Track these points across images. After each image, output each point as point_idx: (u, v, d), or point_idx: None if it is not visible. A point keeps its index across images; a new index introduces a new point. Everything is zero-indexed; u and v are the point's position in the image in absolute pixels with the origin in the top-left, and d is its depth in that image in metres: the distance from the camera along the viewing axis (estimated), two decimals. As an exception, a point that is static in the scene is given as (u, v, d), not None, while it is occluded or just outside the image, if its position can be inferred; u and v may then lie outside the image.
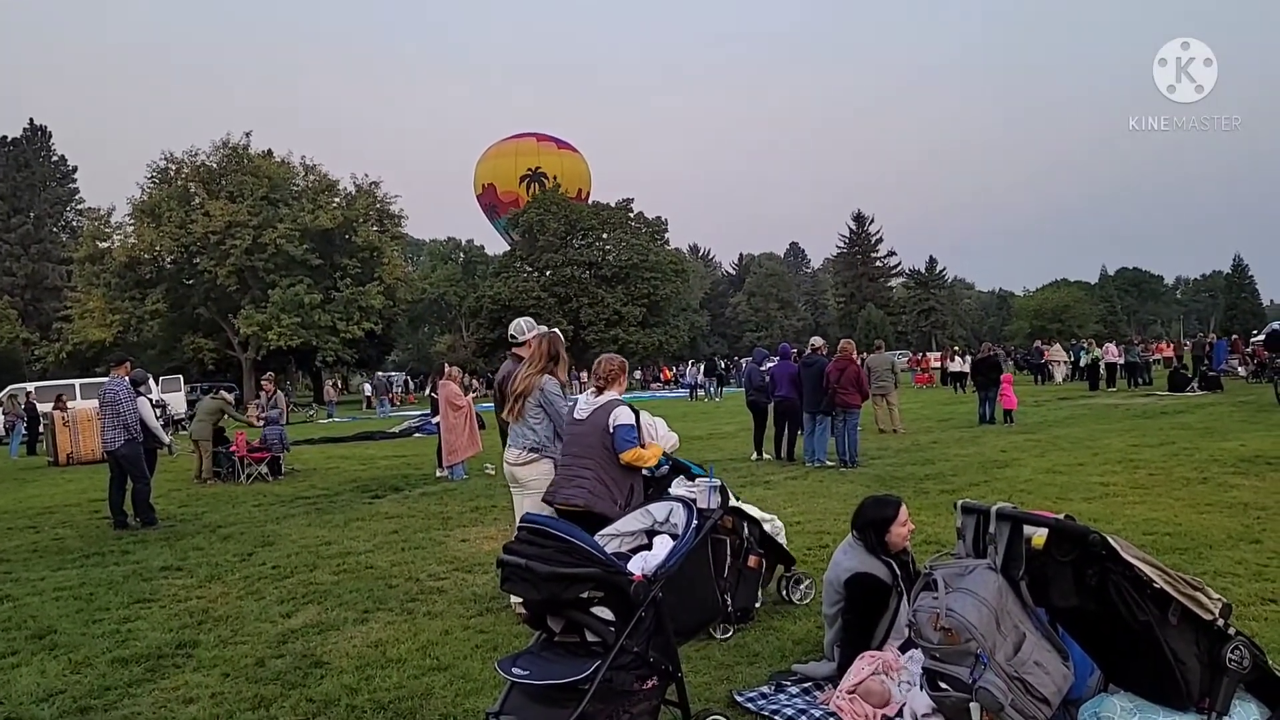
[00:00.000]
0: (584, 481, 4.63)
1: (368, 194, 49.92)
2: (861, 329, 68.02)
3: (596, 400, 4.85)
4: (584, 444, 4.75)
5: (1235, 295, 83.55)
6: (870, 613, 3.80)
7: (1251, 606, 4.69)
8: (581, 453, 4.74)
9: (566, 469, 4.82)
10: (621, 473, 4.67)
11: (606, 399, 4.82)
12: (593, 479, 4.62)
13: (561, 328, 53.44)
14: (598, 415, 4.74)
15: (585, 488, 4.60)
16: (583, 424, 4.79)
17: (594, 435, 4.71)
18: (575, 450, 4.80)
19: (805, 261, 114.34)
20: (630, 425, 4.66)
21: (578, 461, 4.74)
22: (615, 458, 4.65)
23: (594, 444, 4.70)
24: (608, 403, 4.78)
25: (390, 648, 4.75)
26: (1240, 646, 2.43)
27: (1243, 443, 11.71)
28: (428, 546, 7.51)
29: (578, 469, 4.71)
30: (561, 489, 4.76)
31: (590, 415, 4.77)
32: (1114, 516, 7.28)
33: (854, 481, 10.11)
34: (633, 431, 4.66)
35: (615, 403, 4.78)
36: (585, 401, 4.91)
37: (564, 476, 4.81)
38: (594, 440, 4.70)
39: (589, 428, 4.75)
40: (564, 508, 4.61)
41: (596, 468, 4.64)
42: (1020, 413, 17.55)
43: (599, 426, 4.69)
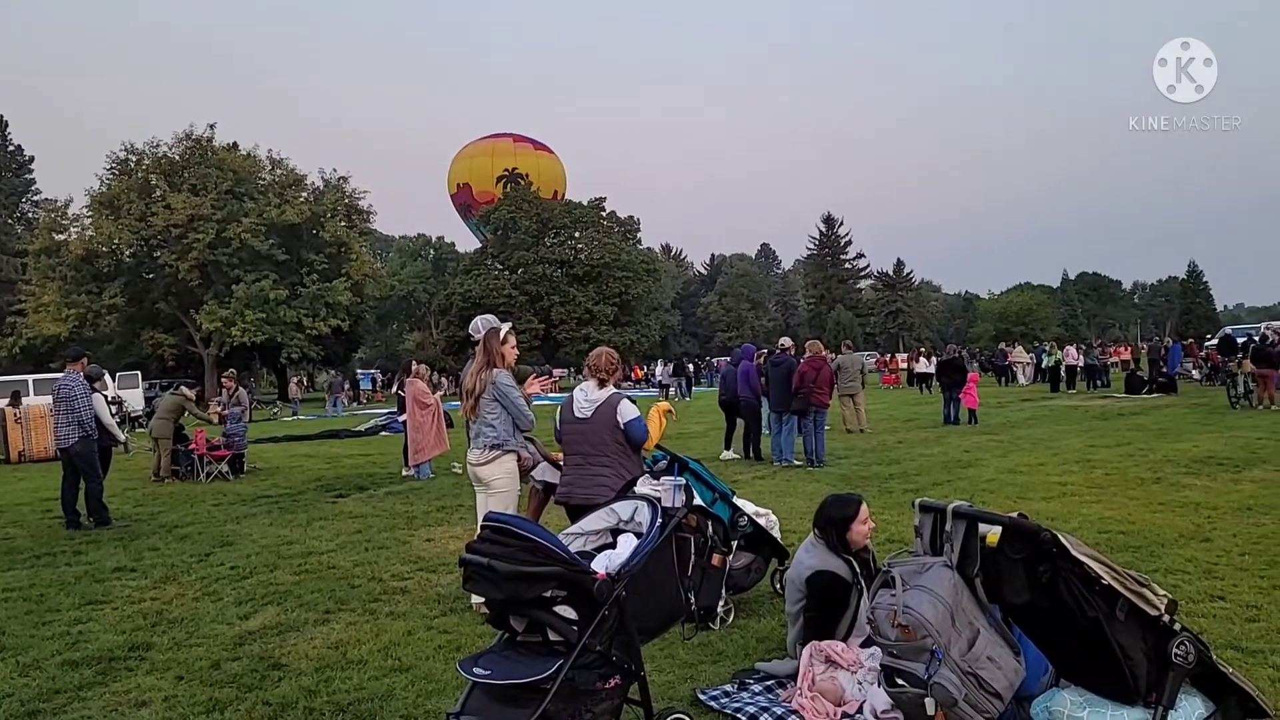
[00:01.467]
0: (604, 478, 4.72)
1: (336, 189, 49.39)
2: (831, 330, 68.58)
3: (597, 395, 4.88)
4: (594, 441, 4.81)
5: (1190, 300, 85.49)
6: (831, 610, 3.86)
7: (1201, 603, 4.81)
8: (594, 450, 4.81)
9: (580, 468, 4.88)
10: (634, 464, 4.83)
11: (607, 394, 4.88)
12: (612, 475, 4.72)
13: (532, 326, 53.62)
14: (604, 411, 4.80)
15: (608, 484, 4.68)
16: (589, 421, 4.84)
17: (605, 431, 4.79)
18: (586, 449, 4.86)
19: (776, 263, 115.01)
20: (638, 416, 4.80)
21: (591, 460, 4.81)
22: (626, 450, 4.77)
23: (606, 440, 4.79)
24: (610, 397, 4.84)
25: (351, 649, 4.70)
26: (1186, 642, 2.49)
27: (1195, 444, 11.97)
28: (392, 546, 7.45)
29: (594, 467, 4.79)
30: (580, 488, 4.81)
31: (596, 412, 4.83)
32: (1071, 515, 7.42)
33: (820, 481, 10.19)
34: (642, 420, 4.80)
35: (617, 397, 4.86)
36: (586, 398, 4.93)
37: (580, 475, 4.86)
38: (606, 436, 4.79)
39: (598, 424, 4.81)
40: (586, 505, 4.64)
41: (614, 464, 4.76)
42: (983, 413, 17.81)
43: (607, 422, 4.77)
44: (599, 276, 55.19)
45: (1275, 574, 5.32)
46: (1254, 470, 9.46)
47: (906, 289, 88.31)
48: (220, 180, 44.02)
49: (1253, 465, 9.81)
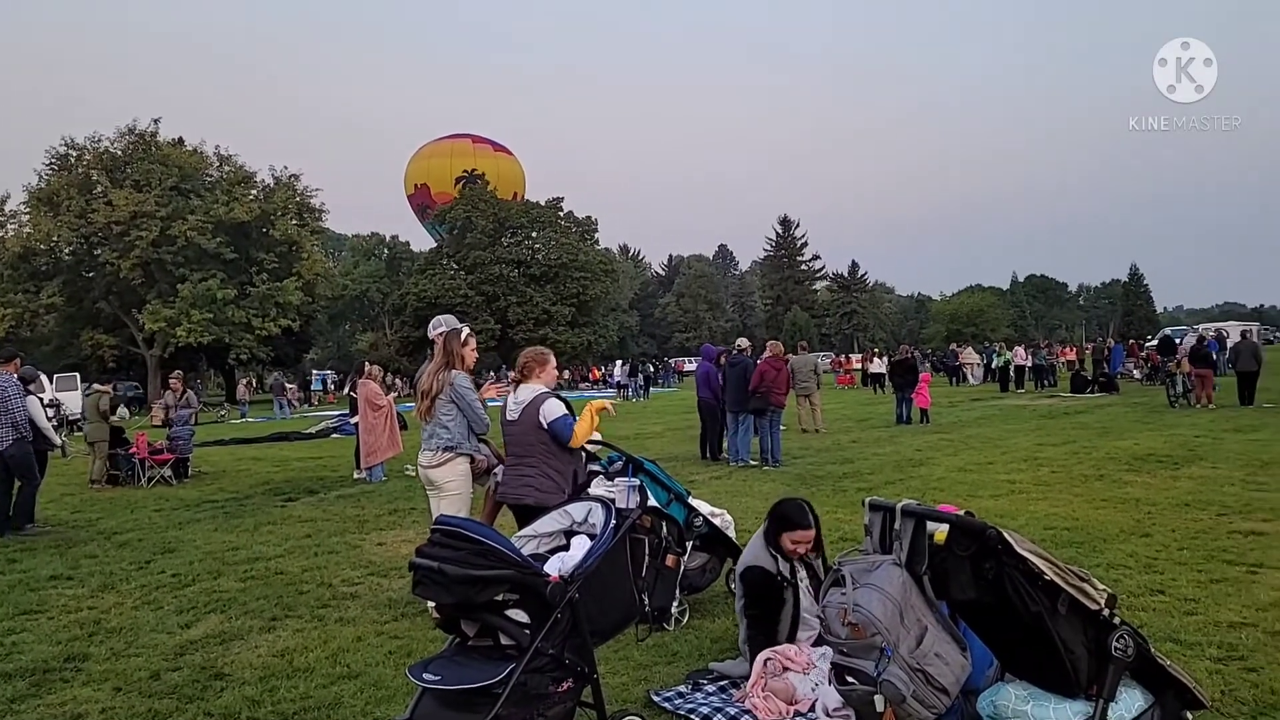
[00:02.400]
0: (529, 479, 4.76)
1: (287, 187, 48.42)
2: (787, 330, 69.19)
3: (521, 396, 4.89)
4: (523, 443, 4.84)
5: (1132, 302, 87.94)
6: (764, 605, 3.89)
7: (1141, 597, 4.93)
8: (522, 452, 4.85)
9: (511, 468, 4.95)
10: (563, 463, 4.81)
11: (532, 394, 4.86)
12: (537, 475, 4.75)
13: (489, 327, 53.36)
14: (528, 413, 4.81)
15: (532, 485, 4.74)
16: (517, 423, 4.86)
17: (530, 433, 4.80)
18: (516, 450, 4.90)
19: (733, 264, 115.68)
20: (563, 415, 4.76)
21: (521, 461, 4.86)
22: (554, 449, 4.77)
23: (531, 441, 4.81)
24: (535, 399, 4.83)
25: (298, 656, 4.60)
26: (1125, 635, 2.54)
27: (1136, 441, 12.30)
28: (342, 551, 7.32)
29: (522, 468, 4.83)
30: (510, 488, 4.90)
31: (521, 414, 4.84)
32: (1019, 513, 7.56)
33: (776, 480, 10.25)
34: (567, 419, 4.76)
35: (542, 397, 4.83)
36: (513, 400, 4.94)
37: (510, 475, 4.95)
38: (531, 438, 4.80)
39: (523, 426, 4.83)
40: (517, 505, 4.79)
41: (539, 463, 4.78)
42: (935, 413, 18.09)
43: (531, 424, 4.78)
44: (556, 277, 55.03)
45: (1212, 568, 5.47)
46: (1192, 467, 9.73)
47: (861, 290, 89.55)
48: (165, 176, 42.90)
49: (1190, 462, 10.10)
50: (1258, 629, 4.31)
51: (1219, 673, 3.76)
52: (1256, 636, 4.20)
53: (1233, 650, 4.04)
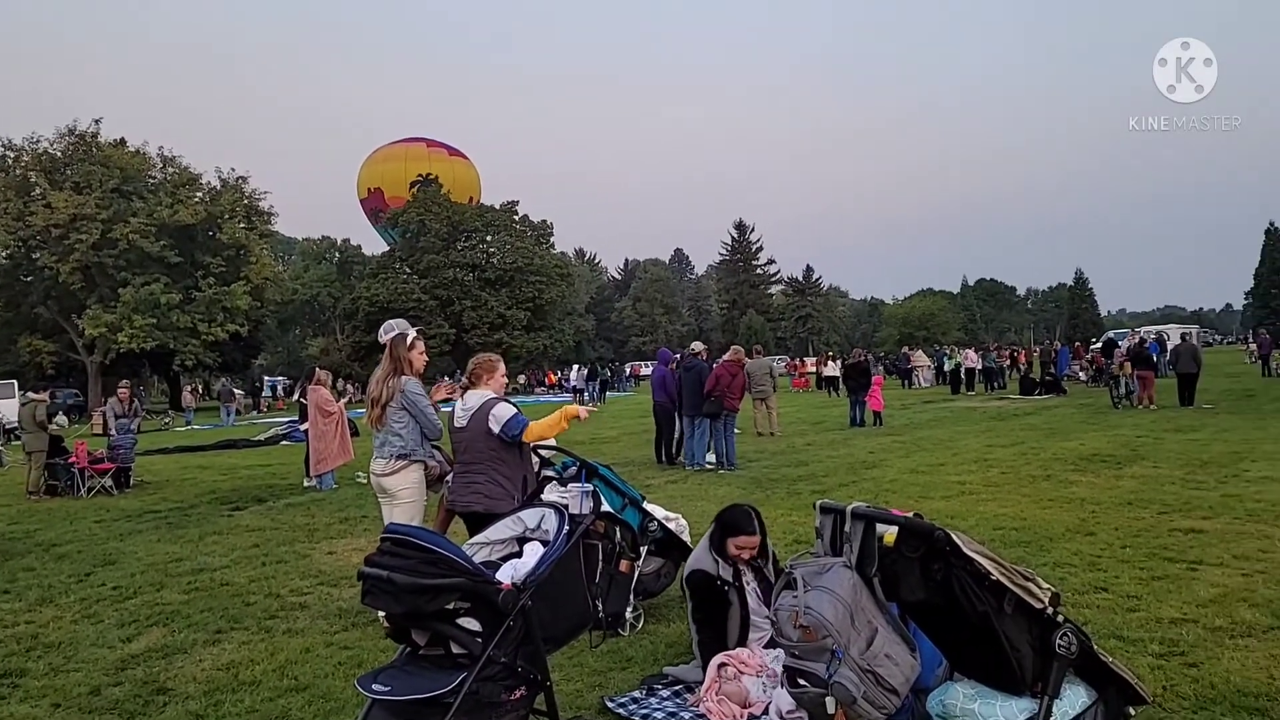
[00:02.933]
0: (478, 486, 4.71)
1: (234, 189, 47.40)
2: (743, 334, 69.75)
3: (469, 402, 4.83)
4: (472, 450, 4.79)
5: (1077, 305, 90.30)
6: (708, 609, 3.91)
7: (1086, 595, 5.04)
8: (471, 458, 4.80)
9: (460, 475, 4.89)
10: (512, 469, 4.76)
11: (480, 400, 4.80)
12: (485, 482, 4.71)
13: (443, 331, 52.83)
14: (476, 419, 4.75)
15: (481, 492, 4.69)
16: (465, 430, 4.81)
17: (479, 440, 4.75)
18: (465, 457, 4.85)
19: (689, 268, 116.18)
20: (513, 414, 4.72)
21: (469, 468, 4.81)
22: (503, 455, 4.72)
23: (480, 448, 4.75)
24: (483, 405, 4.78)
25: (244, 669, 4.50)
26: (1068, 633, 2.59)
27: (1082, 442, 12.60)
28: (291, 560, 7.18)
29: (471, 475, 4.78)
30: (458, 495, 4.84)
31: (470, 421, 4.78)
32: (969, 513, 7.69)
33: (731, 484, 10.30)
34: (517, 419, 4.71)
35: (491, 402, 4.78)
36: (461, 407, 4.88)
37: (459, 483, 4.89)
38: (480, 445, 4.75)
39: (471, 433, 4.77)
40: (465, 512, 4.74)
41: (487, 469, 4.73)
42: (888, 415, 18.34)
43: (480, 430, 4.73)
44: (511, 281, 54.75)
45: (1154, 565, 5.62)
46: (1134, 466, 9.99)
47: (816, 294, 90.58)
48: (106, 178, 41.73)
49: (1133, 462, 10.37)
50: (1198, 625, 4.42)
51: (1160, 668, 3.86)
52: (1197, 632, 4.31)
53: (1174, 646, 4.14)
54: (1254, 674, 3.74)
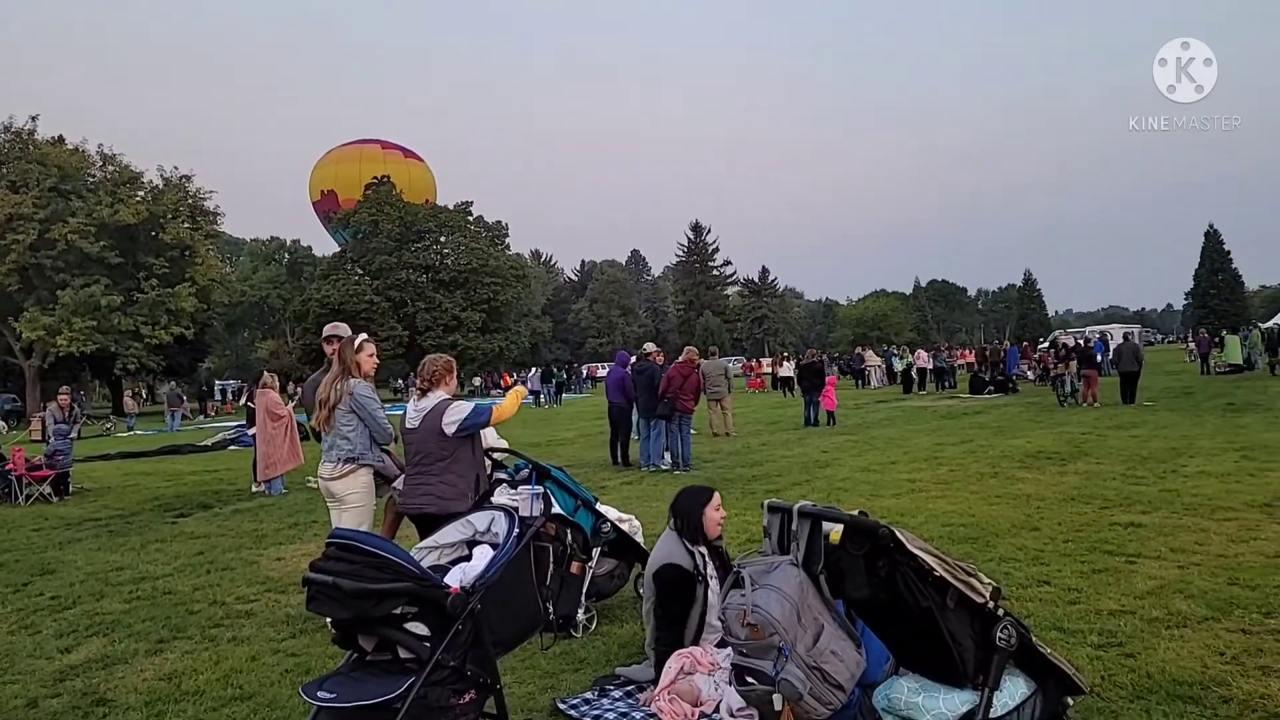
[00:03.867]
0: (430, 487, 4.68)
1: (178, 188, 46.28)
2: (700, 335, 70.11)
3: (424, 404, 4.80)
4: (424, 450, 4.75)
5: (1026, 306, 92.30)
6: (676, 604, 3.90)
7: (1029, 588, 5.15)
8: (422, 460, 4.76)
9: (412, 477, 4.84)
10: (464, 468, 4.74)
11: (434, 401, 4.77)
12: (437, 483, 4.67)
13: (396, 334, 52.19)
14: (430, 420, 4.71)
15: (433, 493, 4.65)
16: (417, 431, 4.77)
17: (431, 440, 4.71)
18: (417, 459, 4.80)
19: (646, 269, 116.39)
20: (471, 409, 4.73)
21: (421, 469, 4.76)
22: (458, 454, 4.71)
23: (432, 449, 4.72)
24: (437, 405, 4.75)
25: (187, 679, 4.40)
26: (1008, 626, 2.65)
27: (1028, 440, 12.88)
28: (237, 567, 7.04)
29: (424, 476, 4.74)
30: (410, 498, 4.79)
31: (423, 421, 4.74)
32: (918, 510, 7.81)
33: (686, 484, 10.31)
34: (478, 409, 4.74)
35: (445, 403, 4.75)
36: (414, 408, 4.83)
37: (410, 485, 4.84)
38: (432, 445, 4.72)
39: (424, 434, 4.73)
40: (418, 514, 4.69)
41: (441, 471, 4.70)
42: (841, 415, 18.55)
43: (433, 431, 4.69)
44: (466, 282, 54.29)
45: (1094, 559, 5.76)
46: (1078, 463, 10.23)
47: (771, 295, 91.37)
48: (43, 176, 40.52)
49: (1077, 458, 10.61)
50: (1135, 616, 4.54)
51: (1099, 659, 3.96)
52: (1134, 623, 4.43)
53: (1112, 637, 4.25)
54: (1189, 663, 3.85)
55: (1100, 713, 3.39)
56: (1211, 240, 72.75)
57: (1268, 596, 4.70)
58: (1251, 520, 6.61)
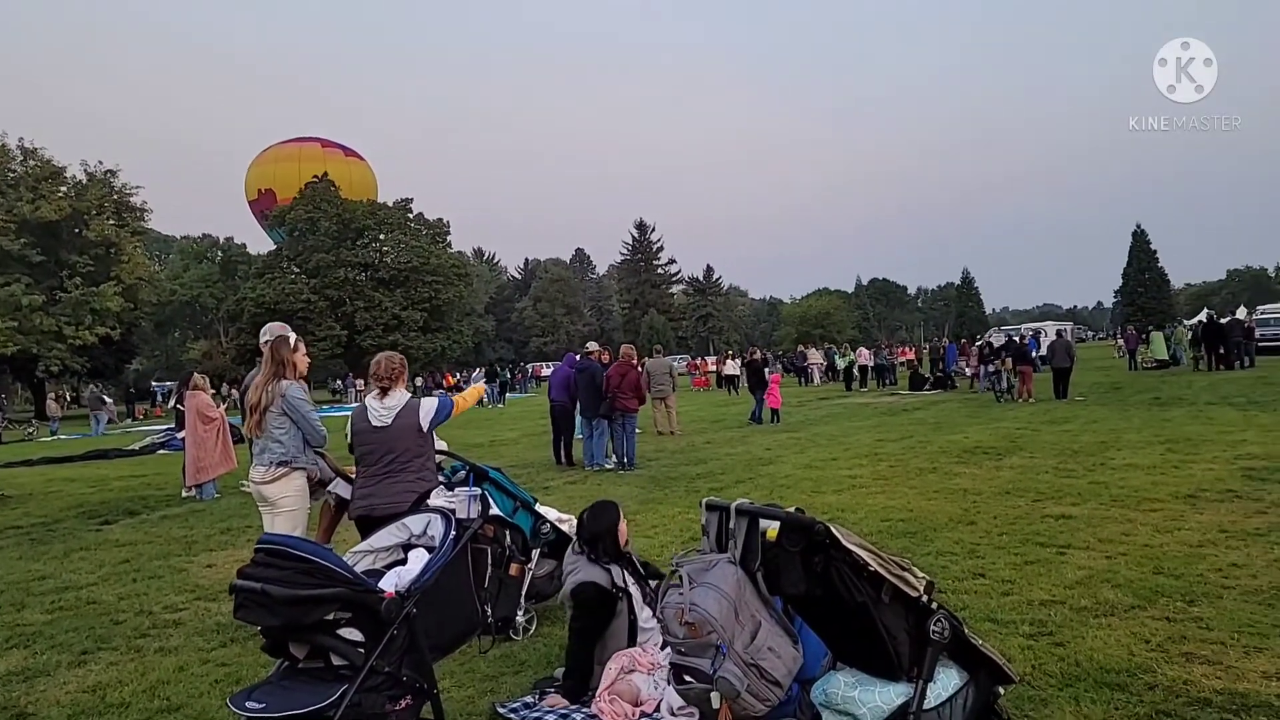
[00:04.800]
0: (408, 484, 4.63)
1: (102, 183, 44.79)
2: (645, 334, 70.20)
3: (391, 402, 4.74)
4: (397, 449, 4.68)
5: (964, 304, 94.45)
6: (594, 620, 3.89)
7: (965, 581, 5.25)
8: (397, 458, 4.69)
9: (379, 478, 4.72)
10: (433, 465, 4.77)
11: (404, 399, 4.76)
12: (416, 480, 4.64)
13: (334, 333, 51.14)
14: (404, 418, 4.68)
15: (413, 490, 4.59)
16: (388, 430, 4.69)
17: (407, 438, 4.68)
18: (389, 458, 4.72)
19: (591, 267, 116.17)
20: (438, 403, 4.81)
21: (393, 467, 4.69)
22: (427, 452, 4.74)
23: (409, 447, 4.69)
24: (410, 402, 4.75)
25: (111, 691, 4.26)
26: (942, 619, 2.69)
27: (966, 435, 13.16)
28: (166, 575, 6.82)
29: (395, 475, 4.67)
30: (381, 498, 4.66)
31: (395, 419, 4.69)
32: (859, 506, 7.91)
33: (630, 484, 10.32)
34: (445, 401, 4.83)
35: (415, 400, 4.78)
36: (381, 407, 4.75)
37: (380, 485, 4.71)
38: (408, 443, 4.69)
39: (398, 432, 4.68)
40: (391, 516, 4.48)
41: (419, 468, 4.69)
42: (785, 412, 18.74)
43: (410, 428, 4.67)
44: (406, 281, 53.52)
45: (1027, 551, 5.90)
46: (1013, 457, 10.48)
47: (716, 294, 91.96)
48: (-39, 172, 38.90)
49: (1012, 453, 10.87)
50: (1065, 605, 4.66)
51: (1030, 648, 4.05)
52: (1064, 613, 4.54)
53: (1043, 626, 4.35)
54: (1115, 651, 3.96)
55: (1030, 701, 3.46)
56: (1139, 240, 75.17)
57: (1191, 585, 4.86)
58: (1176, 511, 6.83)
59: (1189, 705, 3.38)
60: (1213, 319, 29.10)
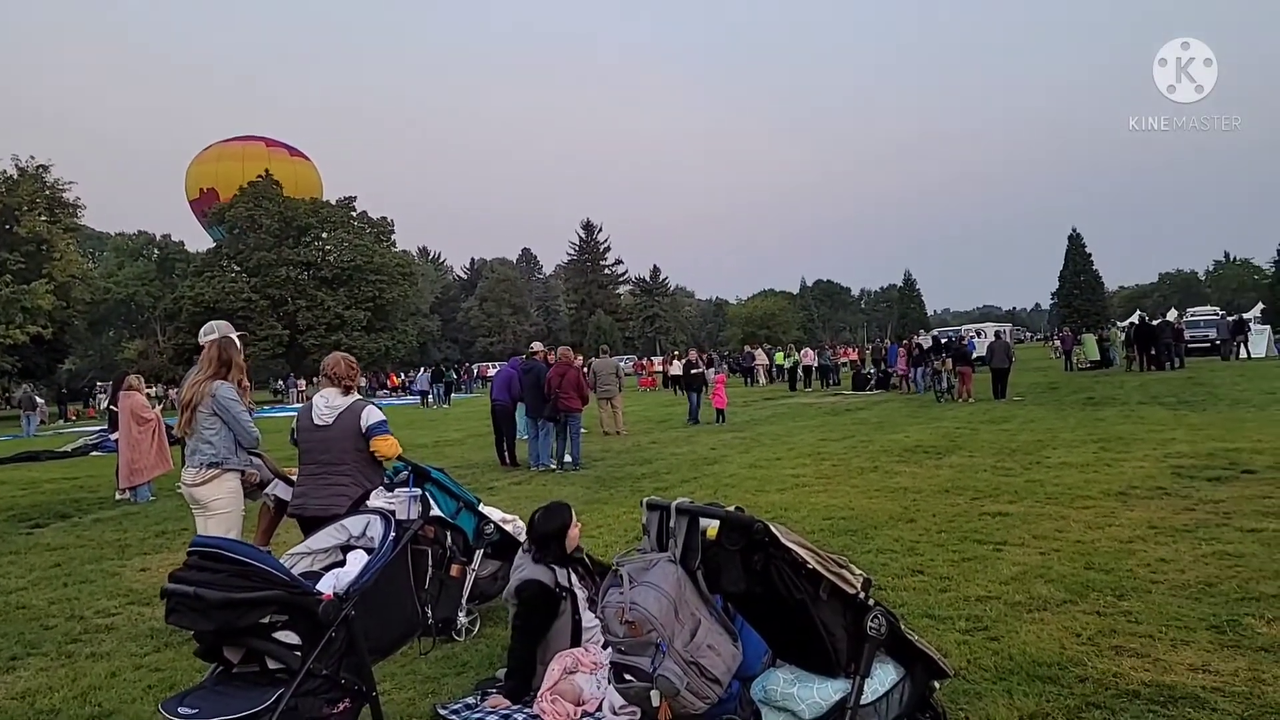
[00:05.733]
0: (342, 488, 4.54)
1: (34, 178, 43.28)
2: (592, 334, 70.12)
3: (339, 402, 4.68)
4: (336, 449, 4.63)
5: (906, 305, 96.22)
6: (537, 619, 3.89)
7: (904, 578, 5.35)
8: (334, 459, 4.63)
9: (316, 477, 4.67)
10: (375, 471, 4.67)
11: (350, 400, 4.71)
12: (351, 484, 4.55)
13: (276, 332, 50.13)
14: (346, 418, 4.62)
15: (346, 494, 4.50)
16: (330, 429, 4.64)
17: (347, 439, 4.62)
18: (325, 458, 4.66)
19: (537, 267, 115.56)
20: (384, 419, 4.72)
21: (331, 468, 4.62)
22: (368, 459, 4.64)
23: (348, 448, 4.62)
24: (354, 404, 4.68)
25: (41, 697, 4.14)
26: (879, 615, 2.74)
27: (907, 434, 13.42)
28: (98, 579, 6.63)
29: (333, 476, 4.60)
30: (315, 498, 4.61)
31: (338, 419, 4.63)
32: (801, 505, 8.01)
33: (576, 484, 10.30)
34: (385, 425, 4.72)
35: (361, 403, 4.70)
36: (327, 404, 4.70)
37: (316, 484, 4.66)
38: (347, 445, 4.62)
39: (339, 432, 4.62)
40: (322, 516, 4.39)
41: (354, 472, 4.60)
42: (730, 412, 18.88)
43: (350, 430, 4.60)
44: (350, 279, 52.72)
45: (964, 548, 6.03)
46: (953, 456, 10.71)
47: (663, 294, 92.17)
48: (-118, 165, 37.20)
49: (952, 452, 11.11)
50: (1000, 601, 4.78)
51: (966, 643, 4.14)
52: (999, 608, 4.66)
53: (978, 621, 4.45)
54: (1048, 644, 4.07)
55: (965, 694, 3.54)
56: (1075, 244, 77.22)
57: (1121, 580, 5.02)
58: (1107, 508, 7.04)
59: (1118, 697, 3.47)
60: (1144, 321, 30.08)
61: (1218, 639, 4.02)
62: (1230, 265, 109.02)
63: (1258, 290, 78.99)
